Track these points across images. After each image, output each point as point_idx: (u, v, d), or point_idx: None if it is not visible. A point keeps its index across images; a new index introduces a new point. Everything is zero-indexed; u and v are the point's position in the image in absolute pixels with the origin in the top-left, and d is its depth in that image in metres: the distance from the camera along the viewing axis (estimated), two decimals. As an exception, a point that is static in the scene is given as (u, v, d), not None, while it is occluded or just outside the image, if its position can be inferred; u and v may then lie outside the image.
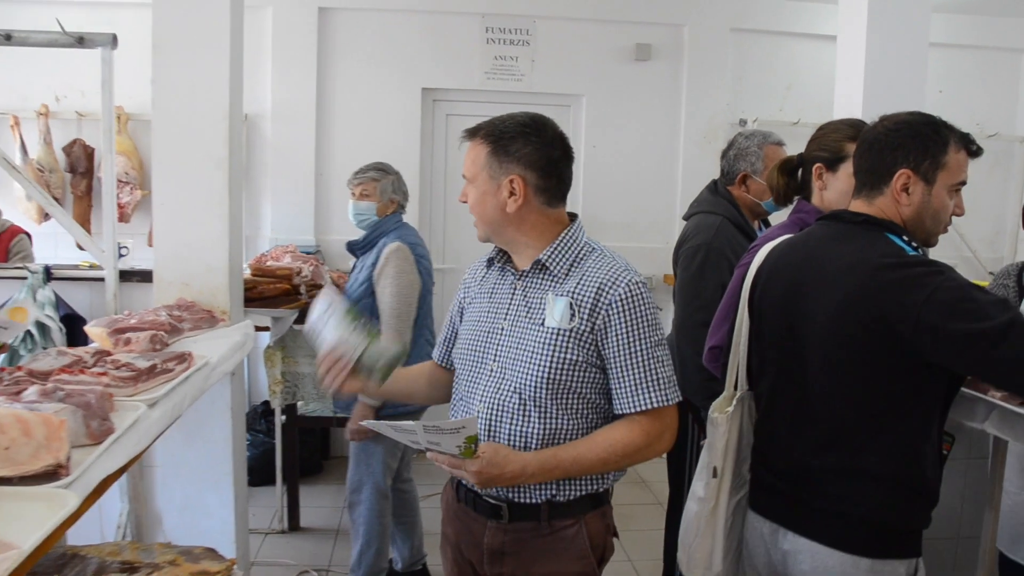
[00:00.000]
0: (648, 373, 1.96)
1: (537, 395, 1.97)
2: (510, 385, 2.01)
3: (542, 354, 1.97)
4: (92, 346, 2.60)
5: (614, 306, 1.95)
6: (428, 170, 6.07)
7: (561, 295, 1.99)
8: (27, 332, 3.25)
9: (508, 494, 2.03)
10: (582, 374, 1.98)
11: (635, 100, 6.15)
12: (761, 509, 2.19)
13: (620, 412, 2.00)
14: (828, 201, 2.54)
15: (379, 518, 3.77)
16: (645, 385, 1.96)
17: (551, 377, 1.96)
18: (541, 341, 1.98)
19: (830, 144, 2.55)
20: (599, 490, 2.08)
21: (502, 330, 2.06)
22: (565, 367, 1.97)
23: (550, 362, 1.96)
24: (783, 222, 2.66)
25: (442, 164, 6.10)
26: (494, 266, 2.17)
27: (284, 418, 4.73)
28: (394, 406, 3.50)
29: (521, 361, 2.00)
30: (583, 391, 2.00)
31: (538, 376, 1.97)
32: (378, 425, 1.95)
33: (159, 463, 3.42)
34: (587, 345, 1.97)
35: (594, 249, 2.08)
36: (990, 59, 6.40)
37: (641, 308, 1.97)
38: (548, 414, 1.98)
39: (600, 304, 1.96)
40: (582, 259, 2.04)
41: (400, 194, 3.86)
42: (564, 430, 1.99)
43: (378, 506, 3.76)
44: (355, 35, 5.86)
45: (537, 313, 2.01)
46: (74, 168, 5.51)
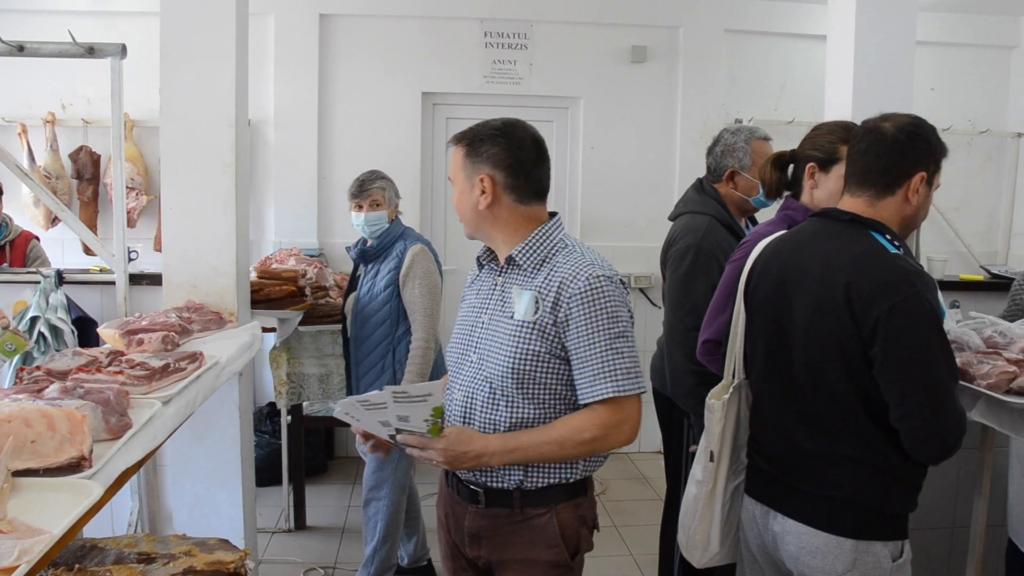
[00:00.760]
0: (606, 364, 2.00)
1: (504, 385, 2.07)
2: (483, 375, 2.11)
3: (509, 345, 2.06)
4: (105, 347, 2.67)
5: (575, 299, 2.02)
6: (428, 173, 6.13)
7: (529, 289, 2.08)
8: (40, 334, 3.32)
9: (483, 479, 2.13)
10: (546, 365, 2.06)
11: (632, 102, 6.21)
12: (754, 492, 2.29)
13: (582, 402, 2.06)
14: (818, 200, 2.60)
15: (398, 514, 3.84)
16: (604, 375, 2.00)
17: (515, 368, 2.05)
18: (509, 333, 2.07)
19: (824, 145, 2.59)
20: (570, 480, 2.12)
21: (482, 324, 2.16)
22: (529, 358, 2.05)
23: (515, 353, 2.05)
24: (772, 219, 2.70)
25: (442, 167, 6.15)
26: (483, 264, 2.27)
27: (289, 419, 4.78)
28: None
29: (493, 352, 2.09)
30: (548, 382, 2.07)
31: (504, 367, 2.06)
32: (349, 405, 2.05)
33: (169, 462, 3.49)
34: (550, 337, 2.05)
35: (567, 246, 2.13)
36: (981, 56, 6.45)
37: (601, 301, 2.01)
38: (514, 404, 2.07)
39: (562, 297, 2.03)
40: (553, 255, 2.12)
41: (399, 197, 3.95)
42: (530, 420, 2.08)
43: (398, 502, 3.83)
44: (356, 40, 5.93)
45: (509, 307, 2.11)
46: (80, 174, 5.57)
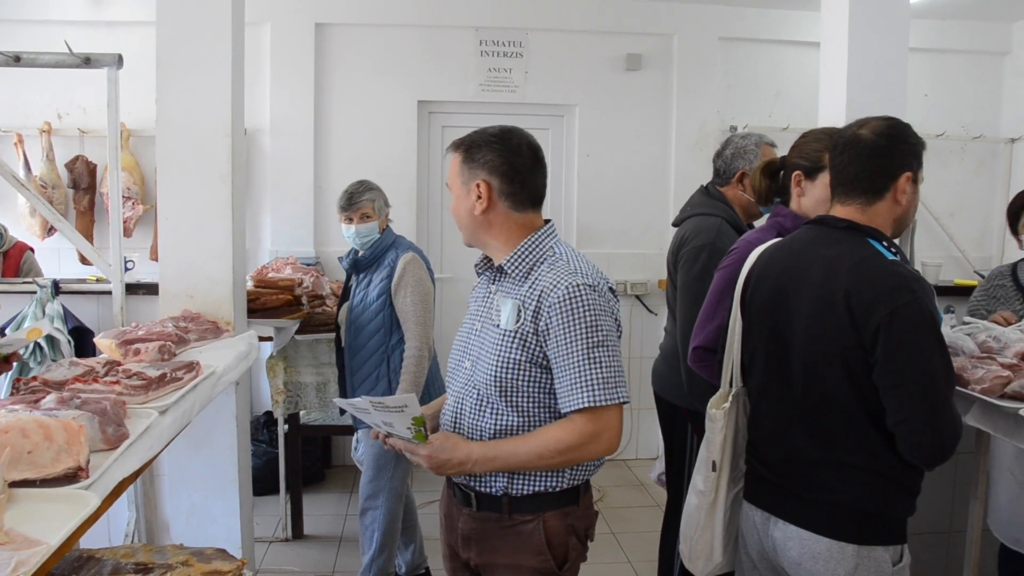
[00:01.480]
0: (583, 374, 2.00)
1: (489, 392, 2.09)
2: (472, 382, 2.15)
3: (493, 354, 2.09)
4: (102, 357, 2.67)
5: (554, 308, 2.02)
6: (425, 181, 6.14)
7: (514, 298, 2.10)
8: (36, 344, 3.32)
9: (473, 483, 2.16)
10: (527, 374, 2.07)
11: (627, 109, 6.22)
12: (753, 498, 2.29)
13: (562, 411, 2.06)
14: (805, 207, 2.62)
15: (395, 523, 3.84)
16: (580, 385, 1.99)
17: (497, 376, 2.07)
18: (494, 342, 2.10)
19: (810, 153, 2.61)
20: (556, 489, 2.12)
21: (476, 331, 2.20)
22: (510, 367, 2.07)
23: (498, 362, 2.08)
24: (762, 225, 2.73)
25: (438, 175, 6.15)
26: (481, 272, 2.29)
27: (287, 427, 4.77)
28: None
29: (482, 360, 2.12)
30: (530, 391, 2.08)
31: (488, 374, 2.09)
32: (345, 403, 2.14)
33: (166, 471, 3.48)
34: (531, 346, 2.06)
35: (556, 254, 2.13)
36: (974, 63, 6.48)
37: (580, 310, 2.00)
38: (498, 411, 2.10)
39: (542, 307, 2.04)
40: (540, 264, 2.12)
41: (388, 206, 3.94)
42: (514, 427, 2.09)
43: (395, 511, 3.83)
44: (351, 49, 5.94)
45: (496, 315, 2.14)
46: (76, 184, 5.57)
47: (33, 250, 5.00)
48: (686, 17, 6.16)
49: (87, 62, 3.26)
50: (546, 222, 2.21)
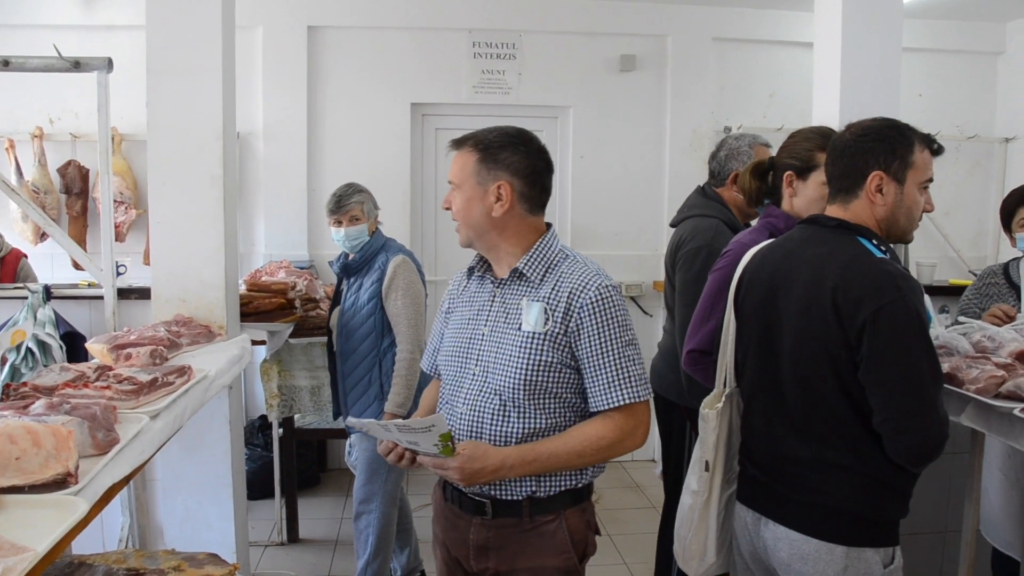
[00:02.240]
0: (620, 372, 2.05)
1: (516, 396, 2.06)
2: (490, 388, 2.10)
3: (519, 357, 2.06)
4: (93, 362, 2.65)
5: (585, 309, 2.05)
6: (419, 184, 6.13)
7: (536, 300, 2.09)
8: (28, 350, 3.30)
9: (491, 491, 2.12)
10: (557, 375, 2.07)
11: (621, 110, 6.23)
12: (745, 499, 2.28)
13: (595, 410, 2.08)
14: (797, 207, 2.62)
15: (389, 527, 3.82)
16: (617, 383, 2.04)
17: (528, 379, 2.05)
18: (518, 345, 2.07)
19: (801, 153, 2.61)
20: (578, 486, 2.15)
21: (482, 336, 2.15)
22: (541, 369, 2.06)
23: (527, 365, 2.05)
24: (753, 227, 2.73)
25: (432, 178, 6.16)
26: (474, 275, 2.27)
27: (281, 431, 4.76)
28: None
29: (500, 365, 2.09)
30: (559, 391, 2.09)
31: (516, 378, 2.06)
32: (364, 424, 2.06)
33: (160, 476, 3.47)
34: (561, 347, 2.06)
35: (568, 256, 2.17)
36: (968, 62, 6.50)
37: (612, 310, 2.06)
38: (526, 415, 2.07)
39: (572, 307, 2.06)
40: (556, 265, 2.14)
41: (378, 208, 3.93)
42: (542, 429, 2.08)
43: (390, 515, 3.81)
44: (344, 52, 5.93)
45: (514, 318, 2.11)
46: (69, 189, 5.55)
47: (27, 257, 4.98)
48: (680, 18, 6.17)
49: (77, 66, 3.24)
50: (548, 225, 2.23)
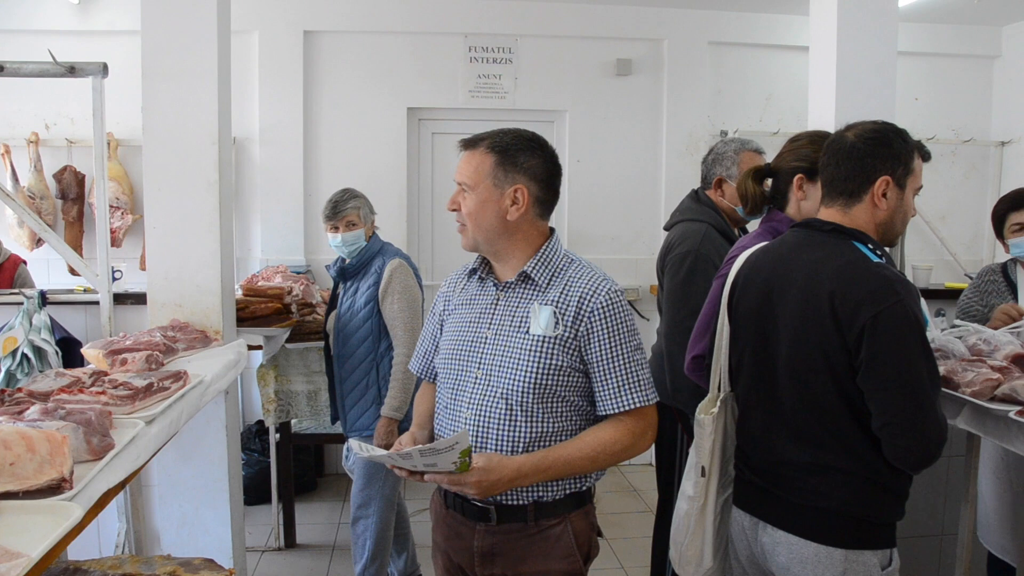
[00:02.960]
0: (630, 376, 2.06)
1: (524, 400, 2.05)
2: (497, 392, 2.08)
3: (528, 361, 2.05)
4: (89, 367, 2.65)
5: (596, 314, 2.05)
6: (415, 188, 6.12)
7: (545, 304, 2.08)
8: (24, 355, 3.29)
9: (496, 497, 2.09)
10: (566, 379, 2.07)
11: (617, 114, 6.24)
12: (742, 503, 2.28)
13: (604, 413, 2.09)
14: (806, 211, 2.57)
15: (387, 531, 3.82)
16: (628, 387, 2.06)
17: (537, 382, 2.05)
18: (527, 349, 2.06)
19: (808, 155, 2.57)
20: (582, 488, 2.15)
21: (486, 339, 2.13)
22: (551, 372, 2.05)
23: (536, 368, 2.05)
24: (755, 231, 2.70)
25: (428, 182, 6.15)
26: (474, 277, 2.25)
27: (278, 436, 4.76)
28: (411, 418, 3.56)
29: (507, 368, 2.07)
30: (567, 395, 2.08)
31: (525, 382, 2.05)
32: (377, 455, 2.05)
33: (156, 481, 3.46)
34: (571, 351, 2.06)
35: (573, 260, 2.17)
36: (964, 67, 6.51)
37: (620, 315, 2.07)
38: (535, 418, 2.06)
39: (583, 312, 2.06)
40: (562, 270, 2.13)
41: (374, 213, 3.93)
42: (549, 433, 2.08)
43: (387, 519, 3.80)
44: (340, 57, 5.93)
45: (520, 322, 2.09)
46: (65, 194, 5.55)
47: (26, 263, 4.97)
48: (676, 22, 6.17)
49: (72, 71, 3.24)
50: (551, 229, 2.23)
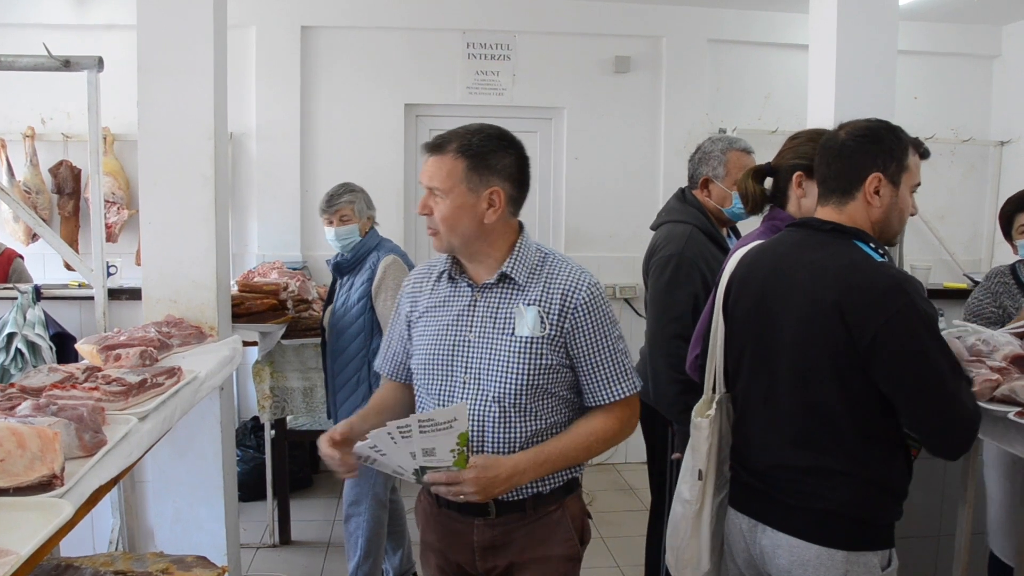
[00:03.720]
0: (616, 367, 2.10)
1: (518, 401, 2.05)
2: (488, 395, 2.06)
3: (518, 363, 2.04)
4: (83, 363, 2.63)
5: (580, 309, 2.05)
6: (412, 184, 6.11)
7: (529, 303, 2.07)
8: (17, 350, 3.28)
9: None
10: (555, 375, 2.08)
11: (615, 112, 6.22)
12: (739, 506, 2.26)
13: (595, 404, 2.11)
14: (806, 208, 2.54)
15: (379, 529, 3.81)
16: (616, 378, 2.10)
17: (530, 383, 2.05)
18: (515, 351, 2.05)
19: (808, 152, 2.53)
20: (575, 474, 2.20)
21: (469, 342, 2.10)
22: (542, 371, 2.05)
23: (528, 370, 2.04)
24: (756, 230, 2.65)
25: (426, 179, 6.11)
26: (443, 278, 2.19)
27: (273, 433, 4.75)
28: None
29: (496, 371, 2.06)
30: (556, 391, 2.09)
31: (518, 383, 2.04)
32: (379, 437, 1.90)
33: (150, 478, 3.45)
34: (558, 348, 2.07)
35: (546, 254, 2.16)
36: (964, 65, 6.50)
37: (603, 308, 2.09)
38: (529, 417, 2.06)
39: (567, 309, 2.05)
40: (539, 266, 2.12)
41: (372, 208, 3.91)
42: (543, 430, 2.08)
43: (379, 517, 3.80)
44: (338, 53, 5.92)
45: (504, 323, 2.08)
46: (61, 189, 5.53)
47: (23, 257, 4.96)
48: (674, 19, 6.15)
49: (67, 65, 3.22)
50: (519, 224, 2.20)
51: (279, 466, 4.77)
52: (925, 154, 2.21)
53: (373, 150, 5.93)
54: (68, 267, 5.24)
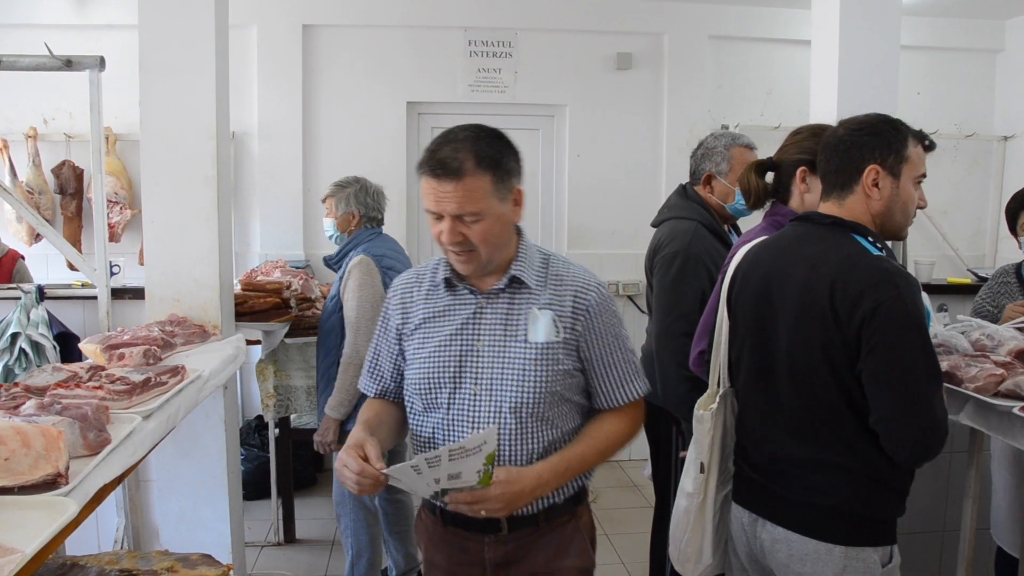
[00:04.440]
0: (627, 368, 2.08)
1: (537, 411, 1.98)
2: (504, 406, 1.97)
3: (535, 370, 1.97)
4: (87, 362, 2.64)
5: (591, 311, 2.01)
6: (414, 183, 6.03)
7: (542, 307, 2.00)
8: (21, 350, 3.28)
9: None
10: (571, 380, 2.03)
11: (617, 109, 6.21)
12: (741, 500, 2.26)
13: (607, 407, 2.08)
14: (809, 203, 2.52)
15: (365, 529, 3.81)
16: (629, 379, 2.08)
17: (549, 390, 1.98)
18: (531, 358, 1.97)
19: (810, 147, 2.52)
20: (585, 483, 2.15)
21: (478, 352, 2.00)
22: (559, 377, 1.99)
23: (546, 376, 1.97)
24: (759, 225, 2.64)
25: (428, 177, 6.11)
26: (440, 286, 2.08)
27: (277, 431, 4.75)
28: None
29: (511, 381, 1.98)
30: (570, 396, 2.04)
31: (536, 392, 1.96)
32: (399, 470, 1.82)
33: (155, 477, 3.45)
34: (571, 352, 2.02)
35: (547, 255, 2.10)
36: (967, 60, 6.49)
37: (611, 308, 2.06)
38: (546, 426, 2.00)
39: (578, 311, 2.01)
40: (543, 267, 2.06)
41: (362, 206, 3.82)
42: (559, 439, 2.03)
43: (361, 519, 3.79)
44: (339, 51, 5.92)
45: (514, 329, 2.00)
46: (63, 189, 5.53)
47: (25, 258, 4.97)
48: (676, 16, 6.15)
49: (68, 64, 3.22)
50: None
51: (283, 464, 4.77)
52: (931, 146, 2.18)
53: (375, 148, 5.93)
54: (71, 267, 5.25)
